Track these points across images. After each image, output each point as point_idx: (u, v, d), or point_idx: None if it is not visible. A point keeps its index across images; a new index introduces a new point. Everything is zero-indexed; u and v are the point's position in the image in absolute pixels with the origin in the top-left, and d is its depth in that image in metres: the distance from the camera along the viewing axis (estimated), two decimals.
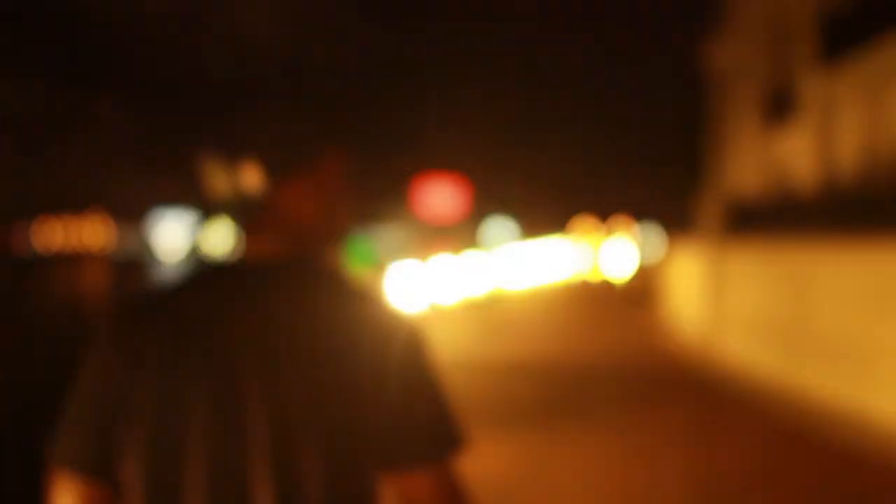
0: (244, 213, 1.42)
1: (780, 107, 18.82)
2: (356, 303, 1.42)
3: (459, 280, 24.61)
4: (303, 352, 1.36)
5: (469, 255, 26.64)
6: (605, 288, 33.27)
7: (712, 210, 14.55)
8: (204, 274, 1.44)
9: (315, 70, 1.46)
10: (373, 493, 1.39)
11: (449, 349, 13.83)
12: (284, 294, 1.39)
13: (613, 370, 11.87)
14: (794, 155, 18.25)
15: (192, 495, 1.34)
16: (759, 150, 20.26)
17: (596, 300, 26.69)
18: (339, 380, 1.36)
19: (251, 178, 1.38)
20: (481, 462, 6.81)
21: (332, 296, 1.41)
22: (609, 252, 52.04)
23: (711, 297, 14.05)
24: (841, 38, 15.75)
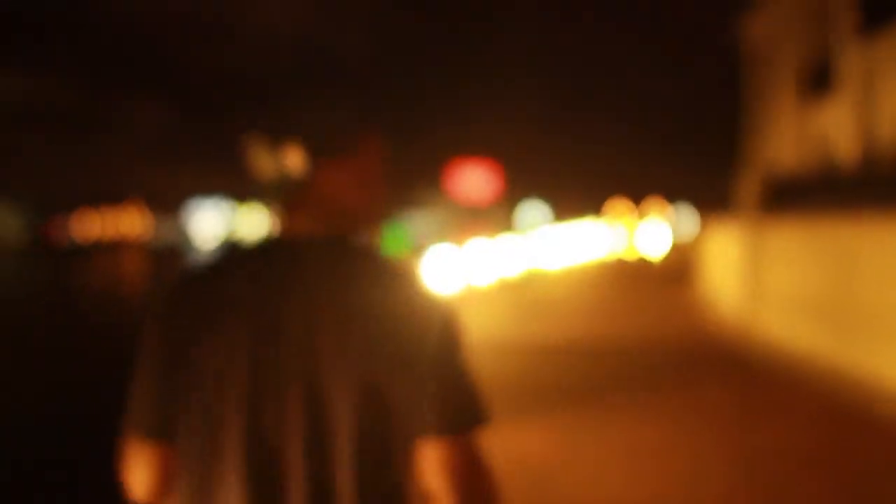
0: (285, 192, 1.48)
1: (818, 79, 18.41)
2: (391, 279, 1.47)
3: (494, 261, 24.45)
4: (337, 324, 1.42)
5: (504, 239, 26.51)
6: (641, 267, 32.84)
7: (751, 186, 14.25)
8: (243, 250, 1.51)
9: (354, 57, 1.44)
10: (402, 463, 1.45)
11: (484, 330, 13.70)
12: (321, 269, 1.46)
13: (652, 350, 11.67)
14: (835, 128, 17.85)
15: (231, 457, 1.43)
16: (799, 124, 19.85)
17: (632, 279, 26.31)
18: (372, 352, 1.41)
19: (294, 159, 1.46)
20: (519, 445, 6.68)
21: (367, 272, 1.47)
22: (644, 232, 51.71)
23: (751, 274, 13.78)
24: (880, 9, 15.35)
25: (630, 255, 44.83)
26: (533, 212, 54.07)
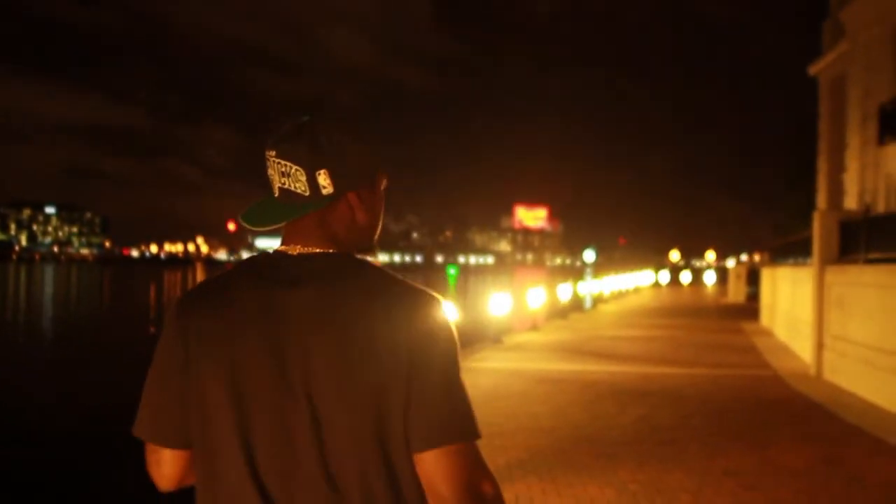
0: (302, 213, 1.49)
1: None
2: (395, 291, 1.45)
3: (546, 295, 23.20)
4: (340, 336, 1.39)
5: (560, 287, 25.50)
6: (699, 307, 30.90)
7: (825, 229, 12.86)
8: (253, 263, 1.52)
9: (418, 95, 1.20)
10: (408, 474, 1.41)
11: (533, 362, 12.41)
12: (325, 280, 1.44)
13: (715, 393, 10.20)
14: None
15: (235, 458, 1.40)
16: (876, 166, 18.34)
17: (687, 311, 24.16)
18: (374, 362, 1.37)
19: (324, 182, 1.47)
20: None
21: (371, 283, 1.45)
22: (699, 278, 50.58)
23: (824, 321, 12.35)
24: None
25: (683, 287, 43.70)
26: (588, 257, 54.26)
